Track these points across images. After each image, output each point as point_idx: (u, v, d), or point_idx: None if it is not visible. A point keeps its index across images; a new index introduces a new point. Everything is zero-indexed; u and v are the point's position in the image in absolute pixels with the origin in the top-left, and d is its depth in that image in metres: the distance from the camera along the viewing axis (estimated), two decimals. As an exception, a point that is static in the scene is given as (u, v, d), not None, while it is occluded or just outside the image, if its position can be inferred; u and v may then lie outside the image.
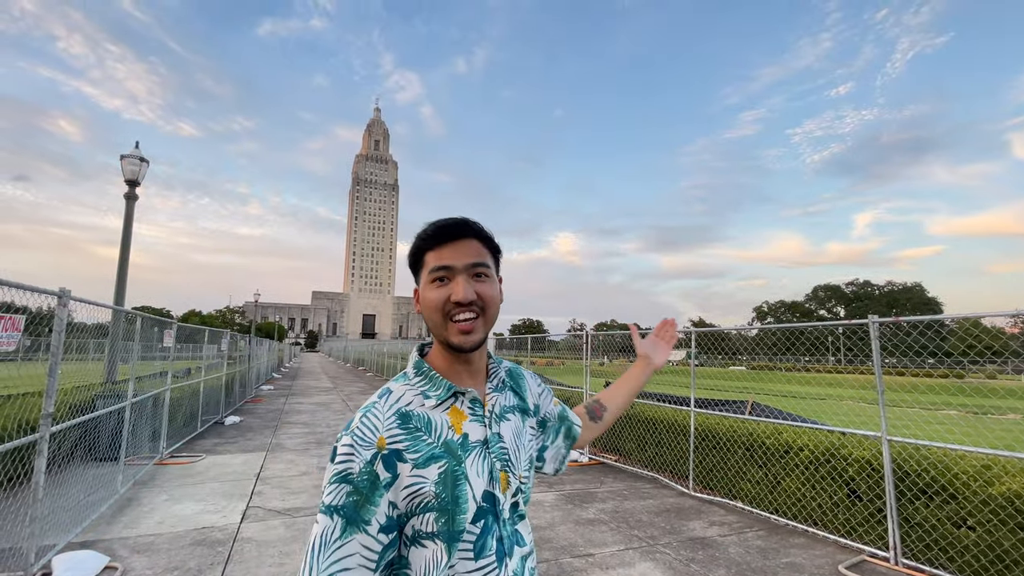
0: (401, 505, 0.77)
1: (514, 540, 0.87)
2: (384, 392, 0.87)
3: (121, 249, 8.99)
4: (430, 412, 0.85)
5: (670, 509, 5.43)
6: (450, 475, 0.80)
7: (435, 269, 0.87)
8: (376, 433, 0.79)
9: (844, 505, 4.56)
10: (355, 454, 0.77)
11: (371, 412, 0.82)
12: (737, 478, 5.64)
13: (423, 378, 0.89)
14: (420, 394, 0.86)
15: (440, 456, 0.81)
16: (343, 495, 0.75)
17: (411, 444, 0.80)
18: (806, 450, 4.93)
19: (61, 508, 4.05)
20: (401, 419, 0.82)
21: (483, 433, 0.88)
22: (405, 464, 0.78)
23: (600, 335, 10.16)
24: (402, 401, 0.85)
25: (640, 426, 7.25)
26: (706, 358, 31.07)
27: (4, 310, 3.09)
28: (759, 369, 37.96)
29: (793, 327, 5.98)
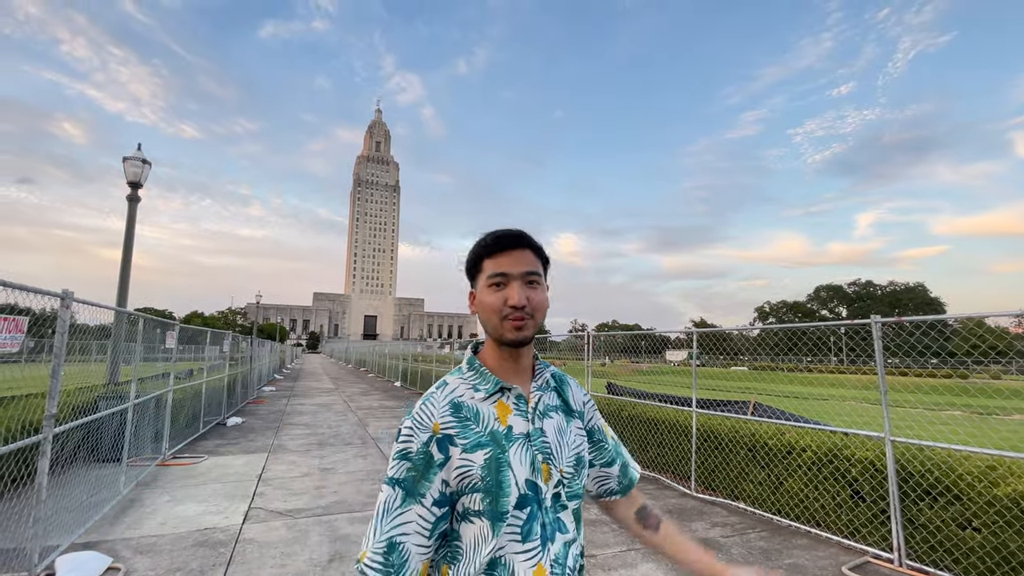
0: (453, 484, 0.90)
1: (556, 527, 0.96)
2: (441, 384, 1.01)
3: (123, 251, 9.01)
4: (479, 404, 0.97)
5: (672, 510, 5.41)
6: (494, 461, 0.92)
7: (493, 275, 0.99)
8: (432, 419, 0.93)
9: (847, 506, 4.55)
10: (414, 436, 0.91)
11: (429, 400, 0.96)
12: (739, 479, 5.62)
13: (475, 373, 1.01)
14: (471, 387, 0.99)
15: (486, 444, 0.93)
16: (403, 470, 0.89)
17: (461, 431, 0.93)
18: (809, 451, 4.91)
19: (64, 509, 4.06)
20: (454, 408, 0.95)
21: (526, 427, 0.98)
22: (456, 448, 0.91)
23: (601, 336, 10.16)
24: (455, 393, 0.98)
25: (642, 426, 7.24)
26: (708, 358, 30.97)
27: (8, 312, 3.09)
28: (761, 369, 37.87)
29: (795, 327, 5.97)
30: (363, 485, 5.99)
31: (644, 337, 9.69)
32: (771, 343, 7.22)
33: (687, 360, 20.76)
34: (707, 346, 7.21)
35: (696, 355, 6.81)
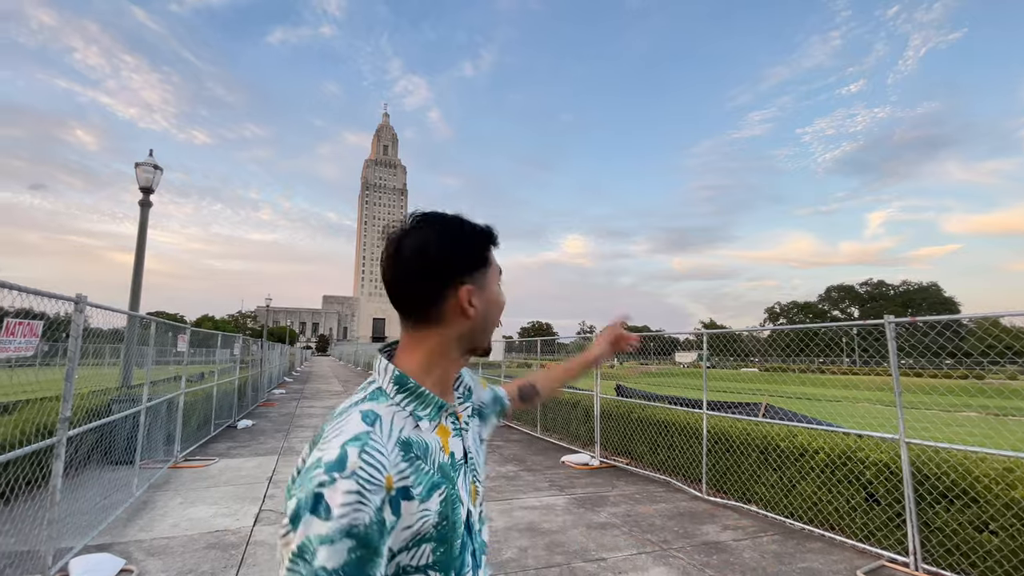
0: (396, 546, 0.67)
1: (482, 550, 0.84)
2: (371, 417, 0.70)
3: (136, 255, 9.12)
4: (425, 436, 0.75)
5: (683, 513, 5.37)
6: (449, 501, 0.74)
7: (500, 271, 0.88)
8: (383, 472, 0.65)
9: (862, 509, 4.48)
10: (363, 502, 0.61)
11: (371, 447, 0.66)
12: (751, 481, 5.56)
13: (408, 395, 0.77)
14: (410, 416, 0.75)
15: (440, 483, 0.73)
16: (344, 554, 0.59)
17: (415, 477, 0.70)
18: (821, 453, 4.85)
19: (79, 511, 4.11)
20: (403, 449, 0.70)
21: (462, 447, 0.83)
22: (411, 501, 0.68)
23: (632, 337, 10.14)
24: (395, 426, 0.72)
25: (652, 429, 7.19)
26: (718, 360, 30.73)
27: (23, 316, 3.14)
28: (772, 371, 37.51)
29: (806, 328, 5.90)
30: (372, 487, 6.01)
31: (653, 339, 9.63)
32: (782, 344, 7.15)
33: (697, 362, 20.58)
34: (717, 347, 7.16)
35: (707, 356, 6.77)
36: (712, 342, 7.00)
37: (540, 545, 4.36)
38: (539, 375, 1.29)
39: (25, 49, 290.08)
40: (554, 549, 4.29)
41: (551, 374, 1.31)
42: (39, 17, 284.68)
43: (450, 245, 0.80)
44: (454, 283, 0.80)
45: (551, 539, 4.51)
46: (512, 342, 19.19)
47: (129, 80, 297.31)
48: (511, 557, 4.10)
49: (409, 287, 0.79)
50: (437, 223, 0.82)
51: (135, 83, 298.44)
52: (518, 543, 4.39)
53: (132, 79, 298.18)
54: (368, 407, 0.72)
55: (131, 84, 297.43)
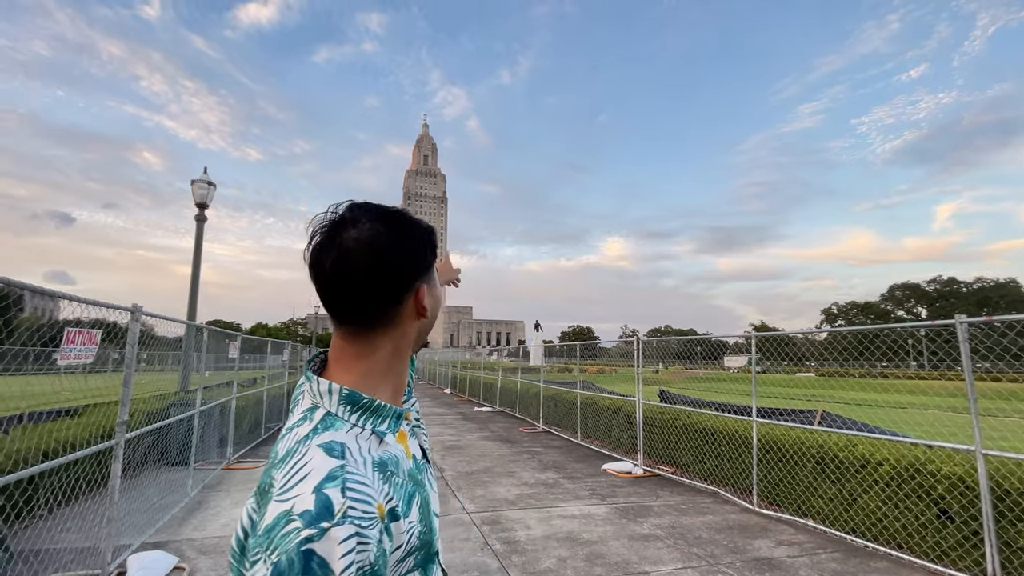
0: (389, 569, 0.63)
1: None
2: (338, 449, 0.63)
3: (192, 266, 9.65)
4: (391, 449, 0.71)
5: (732, 526, 5.10)
6: (425, 505, 0.71)
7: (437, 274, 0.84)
8: (373, 503, 0.60)
9: (933, 527, 4.10)
10: (364, 542, 0.56)
11: (353, 481, 0.60)
12: (807, 494, 5.22)
13: (364, 412, 0.69)
14: (373, 434, 0.69)
15: (413, 491, 0.70)
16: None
17: (397, 495, 0.66)
18: (886, 464, 4.49)
19: (137, 510, 4.34)
20: (381, 471, 0.66)
21: (419, 445, 0.81)
22: (399, 521, 0.65)
23: (654, 341, 9.82)
24: (363, 449, 0.66)
25: (698, 436, 6.90)
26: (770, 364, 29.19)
27: (93, 327, 3.34)
28: (830, 375, 35.47)
29: (867, 329, 5.47)
30: (412, 492, 6.06)
31: (700, 342, 9.27)
32: (841, 347, 6.68)
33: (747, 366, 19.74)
34: (769, 351, 6.80)
35: (758, 360, 6.44)
36: (763, 345, 6.66)
37: (580, 556, 4.24)
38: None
39: (97, 79, 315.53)
40: (594, 560, 4.15)
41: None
42: (108, 49, 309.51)
43: (406, 243, 0.73)
44: (412, 284, 0.73)
45: (591, 550, 4.38)
46: (552, 347, 19.04)
47: (190, 104, 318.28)
48: (549, 567, 4.00)
49: (361, 291, 0.69)
50: (385, 218, 0.73)
51: (195, 106, 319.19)
52: (557, 553, 4.29)
53: (192, 103, 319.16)
54: (327, 438, 0.64)
55: (191, 107, 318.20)
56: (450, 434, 10.53)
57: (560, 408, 11.14)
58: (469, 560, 4.10)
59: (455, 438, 10.04)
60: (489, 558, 4.15)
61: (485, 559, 4.13)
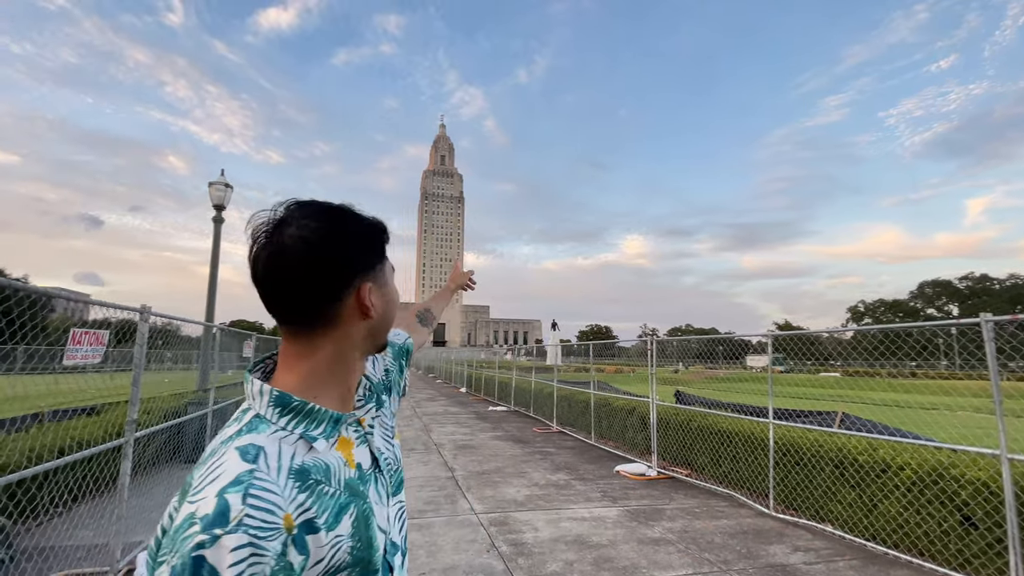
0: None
1: (393, 551, 0.75)
2: (252, 452, 0.60)
3: (210, 268, 9.83)
4: (324, 457, 0.67)
5: (747, 531, 4.96)
6: (361, 519, 0.67)
7: (391, 267, 0.79)
8: (279, 512, 0.57)
9: (956, 533, 3.92)
10: (259, 553, 0.53)
11: (257, 487, 0.57)
12: (825, 498, 5.05)
13: (294, 416, 0.66)
14: (301, 439, 0.66)
15: (348, 503, 0.66)
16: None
17: (319, 505, 0.62)
18: (907, 469, 4.31)
19: (148, 507, 4.42)
20: (299, 478, 0.62)
21: (369, 453, 0.76)
22: (318, 533, 0.61)
23: (673, 340, 9.65)
24: (285, 456, 0.63)
25: (714, 438, 6.75)
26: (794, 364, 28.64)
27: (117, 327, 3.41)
28: (856, 375, 34.54)
29: (893, 328, 5.23)
30: (422, 492, 6.05)
31: (721, 341, 9.08)
32: (868, 346, 6.42)
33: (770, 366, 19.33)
34: (793, 350, 6.59)
35: (780, 360, 6.27)
36: (786, 345, 6.47)
37: (587, 559, 4.17)
38: (429, 301, 1.45)
39: (124, 85, 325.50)
40: (602, 564, 4.08)
41: (434, 299, 1.48)
42: (135, 56, 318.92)
43: (346, 239, 0.70)
44: (352, 282, 0.71)
45: (599, 553, 4.30)
46: (570, 346, 18.94)
47: (213, 108, 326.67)
48: (555, 571, 3.94)
49: (297, 288, 0.67)
50: (323, 214, 0.70)
51: (218, 110, 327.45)
52: (564, 556, 4.23)
53: (215, 107, 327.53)
54: (246, 441, 0.62)
55: (215, 112, 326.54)
56: (463, 433, 10.53)
57: (574, 408, 11.04)
58: (474, 562, 4.07)
59: (468, 437, 10.03)
60: (495, 560, 4.11)
61: (491, 561, 4.09)
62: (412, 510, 5.35)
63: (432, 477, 6.78)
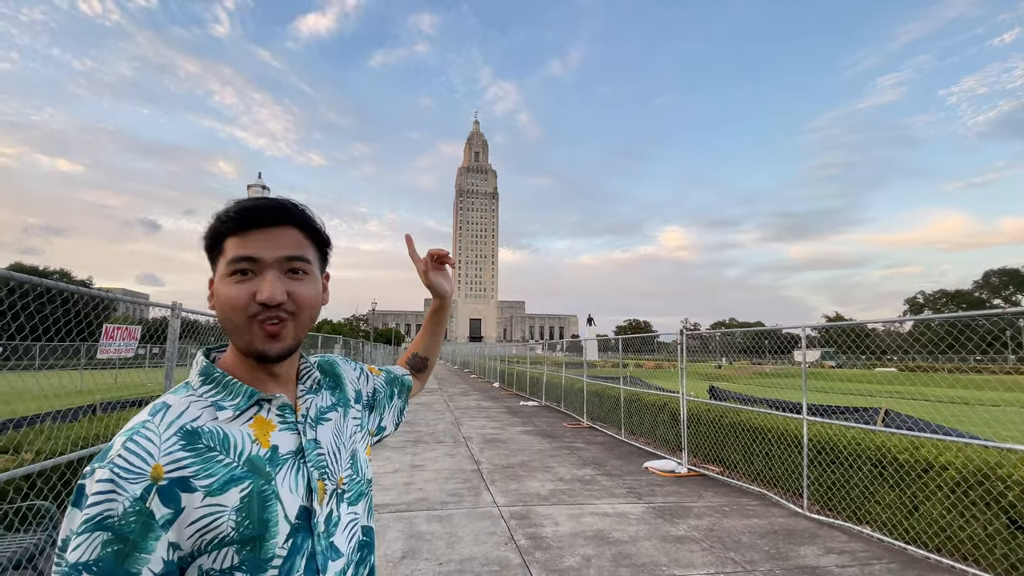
0: (187, 545, 0.62)
1: (328, 555, 0.74)
2: (159, 408, 0.68)
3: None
4: (226, 426, 0.70)
5: (778, 531, 4.79)
6: (256, 497, 0.67)
7: (236, 260, 0.72)
8: (149, 460, 0.62)
9: (1002, 537, 3.65)
10: (116, 491, 0.59)
11: (139, 435, 0.64)
12: (863, 499, 4.81)
13: (214, 386, 0.72)
14: (211, 405, 0.71)
15: (243, 477, 0.67)
16: (96, 546, 0.57)
17: (202, 467, 0.65)
18: (951, 469, 4.04)
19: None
20: (187, 438, 0.66)
21: (296, 442, 0.76)
22: (193, 493, 0.63)
23: (717, 334, 9.31)
24: (186, 416, 0.68)
25: (746, 435, 6.53)
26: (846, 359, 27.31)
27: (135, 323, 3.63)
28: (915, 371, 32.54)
29: (949, 318, 4.82)
30: (447, 484, 6.14)
31: (763, 335, 8.75)
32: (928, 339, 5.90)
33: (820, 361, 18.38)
34: (845, 344, 6.25)
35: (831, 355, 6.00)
36: (836, 338, 6.15)
37: (606, 555, 4.13)
38: (416, 343, 1.27)
39: (176, 96, 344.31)
40: (620, 561, 4.03)
41: (420, 337, 1.28)
42: (185, 67, 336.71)
43: (205, 235, 0.77)
44: (212, 274, 0.77)
45: (619, 550, 4.25)
46: (606, 341, 18.64)
47: (258, 114, 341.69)
48: (572, 566, 3.92)
49: None
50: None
51: (262, 116, 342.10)
52: (582, 551, 4.20)
53: (260, 113, 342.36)
54: (163, 400, 0.70)
55: (259, 117, 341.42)
56: (493, 427, 10.61)
57: (605, 404, 10.93)
58: (491, 554, 4.10)
59: (497, 431, 10.10)
60: (512, 553, 4.12)
61: (507, 554, 4.11)
62: (435, 501, 5.44)
63: (458, 470, 6.87)
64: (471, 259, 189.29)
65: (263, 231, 0.73)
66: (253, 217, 0.73)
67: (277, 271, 0.73)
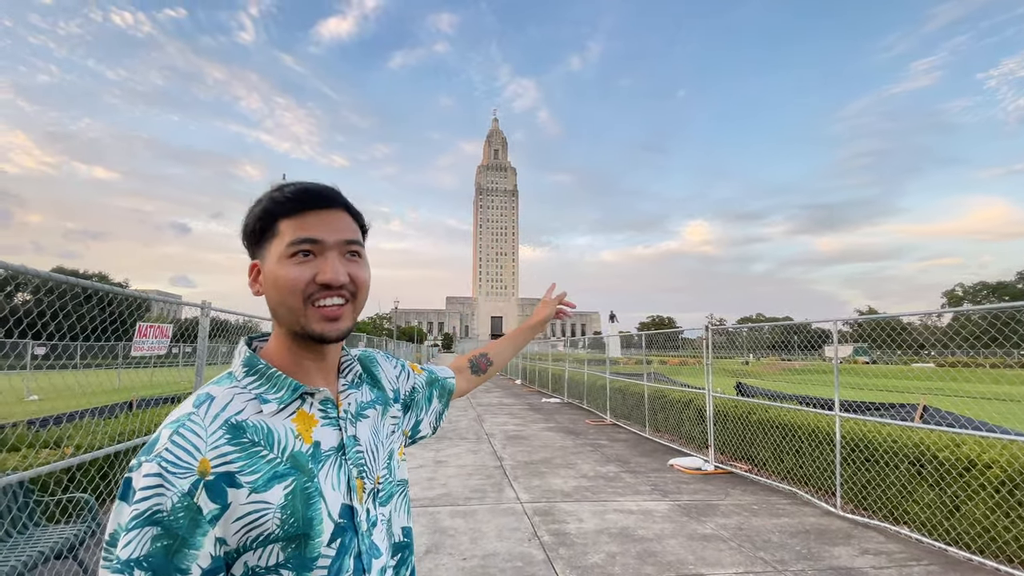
0: (233, 540, 0.62)
1: (371, 553, 0.74)
2: (203, 399, 0.67)
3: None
4: (270, 420, 0.69)
5: (809, 530, 4.65)
6: (300, 494, 0.66)
7: (298, 241, 0.71)
8: (196, 455, 0.61)
9: (1056, 543, 3.46)
10: (165, 486, 0.58)
11: (186, 428, 0.63)
12: (900, 498, 4.63)
13: (258, 378, 0.71)
14: (255, 399, 0.69)
15: (286, 473, 0.66)
16: (147, 542, 0.56)
17: (247, 463, 0.64)
18: (995, 467, 3.86)
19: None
20: (232, 432, 0.65)
21: (338, 438, 0.75)
22: (240, 489, 0.63)
23: (744, 329, 9.12)
24: (230, 409, 0.67)
25: (775, 432, 6.37)
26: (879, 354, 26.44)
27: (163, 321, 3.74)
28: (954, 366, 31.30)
29: (990, 309, 4.59)
30: (470, 480, 6.16)
31: (792, 330, 8.52)
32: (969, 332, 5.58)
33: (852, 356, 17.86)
34: (878, 339, 6.01)
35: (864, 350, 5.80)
36: (870, 332, 5.94)
37: (631, 553, 4.08)
38: (491, 345, 1.28)
39: (204, 103, 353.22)
40: (645, 559, 3.97)
41: (501, 342, 1.29)
42: (213, 74, 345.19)
43: (245, 217, 0.76)
44: (253, 259, 0.76)
45: (644, 547, 4.19)
46: (629, 336, 18.41)
47: (282, 118, 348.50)
48: (596, 562, 3.88)
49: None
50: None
51: (287, 120, 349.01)
52: (606, 548, 4.15)
53: (284, 116, 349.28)
54: (206, 390, 0.69)
55: (283, 121, 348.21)
56: (515, 424, 10.61)
57: (628, 400, 10.81)
58: (515, 550, 4.09)
59: (519, 428, 10.10)
60: (535, 549, 4.11)
61: (531, 550, 4.09)
62: (458, 497, 5.46)
63: (481, 466, 6.89)
64: (491, 257, 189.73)
65: (319, 213, 0.73)
66: (311, 199, 0.73)
67: (338, 253, 0.73)
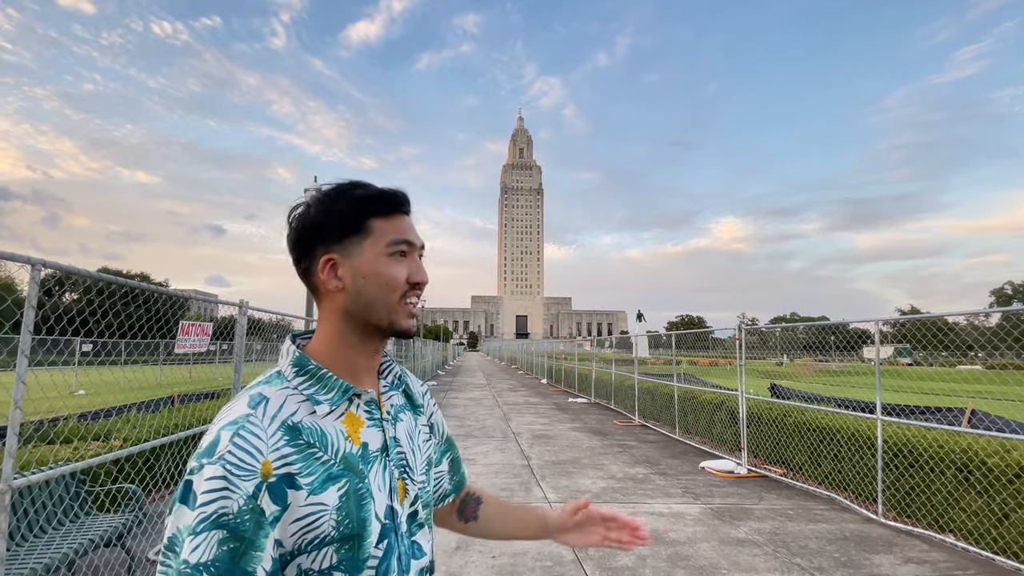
0: (288, 543, 0.62)
1: (411, 554, 0.75)
2: (258, 400, 0.66)
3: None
4: (321, 422, 0.69)
5: (849, 537, 4.50)
6: (353, 495, 0.67)
7: (399, 241, 0.74)
8: (259, 456, 0.61)
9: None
10: (230, 488, 0.58)
11: (246, 430, 0.62)
12: (946, 505, 4.43)
13: (308, 379, 0.71)
14: (307, 400, 0.69)
15: (340, 475, 0.67)
16: (213, 546, 0.56)
17: (305, 465, 0.64)
18: (1054, 477, 3.65)
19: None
20: (290, 434, 0.65)
21: (382, 439, 0.75)
22: (299, 491, 0.63)
23: (777, 329, 8.87)
24: (285, 410, 0.67)
25: (812, 436, 6.18)
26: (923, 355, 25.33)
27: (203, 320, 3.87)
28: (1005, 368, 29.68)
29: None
30: (497, 478, 6.19)
31: (828, 330, 8.24)
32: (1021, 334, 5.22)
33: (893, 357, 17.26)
34: (922, 340, 5.77)
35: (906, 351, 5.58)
36: (913, 333, 5.71)
37: (662, 556, 4.02)
38: (493, 500, 1.05)
39: (239, 108, 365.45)
40: (677, 562, 3.91)
41: (502, 506, 1.04)
42: (246, 80, 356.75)
43: (315, 211, 0.74)
44: (312, 253, 0.74)
45: (675, 550, 4.13)
46: (658, 336, 18.10)
47: (313, 122, 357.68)
48: (626, 564, 3.85)
49: (292, 257, 0.76)
50: (319, 192, 0.76)
51: (317, 124, 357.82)
52: (637, 551, 4.10)
53: (315, 120, 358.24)
54: (258, 390, 0.68)
55: (314, 125, 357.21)
56: (542, 423, 10.60)
57: (657, 401, 10.66)
58: (544, 549, 4.09)
59: (546, 428, 10.08)
60: (565, 550, 4.09)
61: (560, 550, 4.08)
62: (487, 496, 5.49)
63: (508, 464, 6.90)
64: (516, 256, 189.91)
65: (401, 217, 0.77)
66: (399, 203, 0.77)
67: (418, 255, 0.78)
